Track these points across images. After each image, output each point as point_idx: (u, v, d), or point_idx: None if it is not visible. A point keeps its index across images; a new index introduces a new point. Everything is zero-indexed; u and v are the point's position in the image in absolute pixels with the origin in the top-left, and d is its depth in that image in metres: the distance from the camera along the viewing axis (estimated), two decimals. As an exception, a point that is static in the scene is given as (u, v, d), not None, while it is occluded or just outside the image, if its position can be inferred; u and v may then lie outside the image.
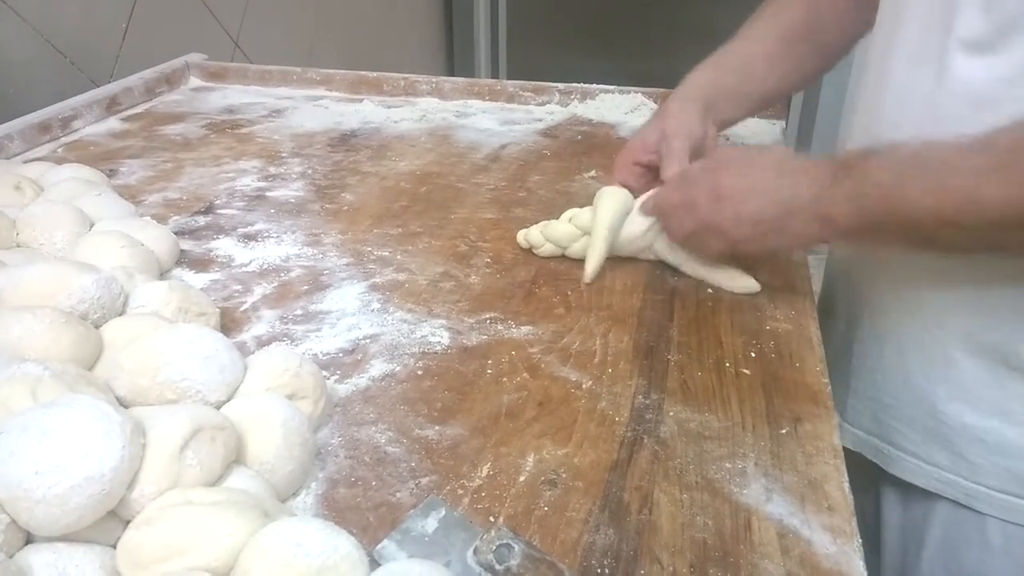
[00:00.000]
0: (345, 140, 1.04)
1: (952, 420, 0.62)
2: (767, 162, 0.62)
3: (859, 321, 0.70)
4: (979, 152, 0.50)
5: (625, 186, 0.73)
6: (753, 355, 0.60)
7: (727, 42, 0.78)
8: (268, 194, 0.88)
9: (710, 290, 0.69)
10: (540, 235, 0.74)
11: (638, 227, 0.70)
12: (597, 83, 1.17)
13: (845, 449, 0.70)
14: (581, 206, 0.74)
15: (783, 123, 1.07)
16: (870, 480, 0.71)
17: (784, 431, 0.53)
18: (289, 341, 0.62)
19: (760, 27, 0.78)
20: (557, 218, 0.74)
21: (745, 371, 0.59)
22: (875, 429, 0.68)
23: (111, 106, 1.10)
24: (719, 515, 0.46)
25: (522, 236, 0.75)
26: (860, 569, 0.43)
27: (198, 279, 0.71)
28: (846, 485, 0.48)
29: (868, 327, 0.69)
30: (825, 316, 0.77)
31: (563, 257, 0.74)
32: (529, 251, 0.75)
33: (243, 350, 0.58)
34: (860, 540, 0.44)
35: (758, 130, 1.04)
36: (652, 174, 0.74)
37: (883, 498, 0.70)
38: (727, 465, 0.50)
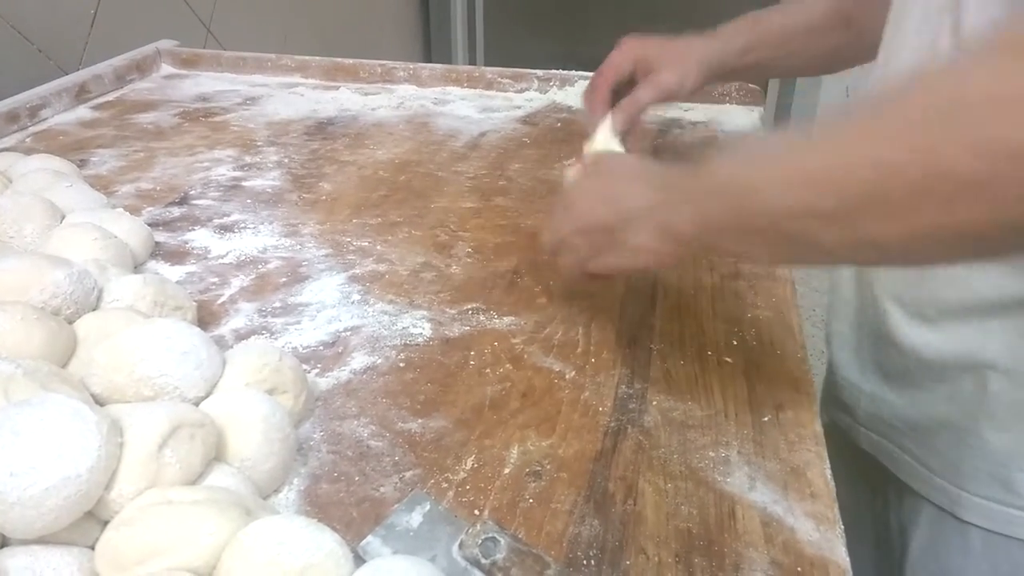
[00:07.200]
0: (322, 128, 1.03)
1: (943, 424, 0.62)
2: (624, 170, 0.56)
3: (868, 322, 0.68)
4: (832, 129, 0.42)
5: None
6: (735, 343, 0.61)
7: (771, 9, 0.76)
8: (244, 184, 0.87)
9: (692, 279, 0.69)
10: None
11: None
12: (575, 67, 1.16)
13: (861, 451, 0.70)
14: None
15: (760, 109, 1.07)
16: (881, 481, 0.70)
17: (766, 419, 0.53)
18: (268, 334, 0.61)
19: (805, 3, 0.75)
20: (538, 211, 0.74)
21: (727, 359, 0.59)
22: (883, 430, 0.68)
23: (80, 94, 1.08)
24: (703, 504, 0.46)
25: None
26: (843, 555, 0.43)
27: (174, 272, 0.69)
28: (828, 472, 0.49)
29: (876, 327, 0.67)
30: (833, 318, 0.73)
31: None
32: (511, 241, 0.74)
33: (221, 344, 0.57)
34: (843, 527, 0.45)
35: (735, 116, 1.04)
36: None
37: (888, 498, 0.70)
38: (711, 454, 0.50)
